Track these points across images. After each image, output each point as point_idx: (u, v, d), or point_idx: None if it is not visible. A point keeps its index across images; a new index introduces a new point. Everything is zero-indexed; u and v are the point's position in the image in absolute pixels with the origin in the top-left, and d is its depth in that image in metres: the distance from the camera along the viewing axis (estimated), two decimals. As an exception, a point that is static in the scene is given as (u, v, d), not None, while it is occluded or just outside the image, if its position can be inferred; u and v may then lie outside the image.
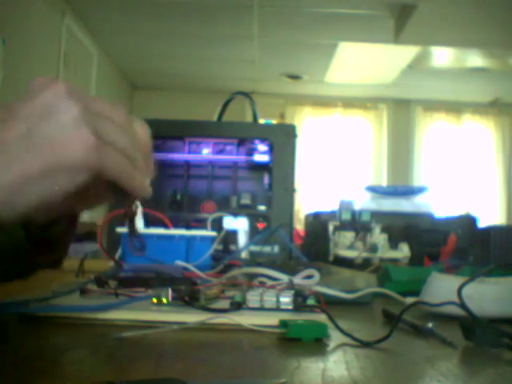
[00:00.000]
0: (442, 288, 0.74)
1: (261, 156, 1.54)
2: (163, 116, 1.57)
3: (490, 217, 6.01)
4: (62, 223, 0.56)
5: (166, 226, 1.10)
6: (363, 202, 1.65)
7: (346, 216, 1.41)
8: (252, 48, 4.90)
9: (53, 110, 0.41)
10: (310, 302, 0.65)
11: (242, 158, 1.56)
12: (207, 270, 0.98)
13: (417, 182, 6.28)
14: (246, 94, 1.62)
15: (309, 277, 0.79)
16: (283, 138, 1.45)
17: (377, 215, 1.43)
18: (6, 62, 3.16)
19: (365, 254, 1.31)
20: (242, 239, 1.35)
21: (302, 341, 0.54)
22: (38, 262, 0.59)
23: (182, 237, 1.06)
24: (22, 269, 0.59)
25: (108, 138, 0.42)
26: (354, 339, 0.54)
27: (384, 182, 6.27)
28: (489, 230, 1.51)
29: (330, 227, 1.37)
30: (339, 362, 0.48)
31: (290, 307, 0.64)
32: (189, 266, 0.94)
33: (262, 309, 0.64)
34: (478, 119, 6.47)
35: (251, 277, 0.85)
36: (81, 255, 1.03)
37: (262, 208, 1.53)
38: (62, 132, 0.40)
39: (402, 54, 4.92)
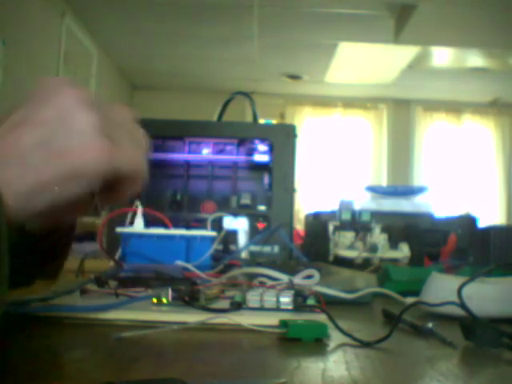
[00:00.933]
0: (442, 288, 0.74)
1: (261, 156, 1.53)
2: (163, 116, 1.57)
3: (490, 217, 6.01)
4: (60, 233, 0.56)
5: (166, 226, 1.10)
6: (363, 201, 1.65)
7: (346, 216, 1.41)
8: (252, 48, 4.90)
9: (69, 118, 0.41)
10: (310, 302, 0.65)
11: (241, 158, 1.56)
12: (207, 270, 0.97)
13: (417, 181, 6.28)
14: (246, 94, 1.62)
15: (309, 277, 0.79)
16: (283, 138, 1.45)
17: (377, 215, 1.43)
18: (6, 62, 3.16)
19: (365, 254, 1.32)
20: (242, 239, 1.35)
21: (301, 341, 0.54)
22: (35, 273, 0.59)
23: (182, 237, 1.06)
24: (20, 279, 0.59)
25: (122, 143, 0.43)
26: (354, 339, 0.54)
27: (384, 182, 6.27)
28: (489, 230, 1.51)
29: (330, 227, 1.37)
30: (339, 362, 0.48)
31: (290, 307, 0.64)
32: (189, 266, 0.94)
33: (262, 309, 0.64)
34: (478, 119, 6.47)
35: (251, 277, 0.85)
36: (81, 255, 1.03)
37: (262, 208, 1.53)
38: (79, 141, 0.41)
39: (402, 54, 4.92)
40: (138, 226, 1.06)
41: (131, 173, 0.45)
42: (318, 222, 1.50)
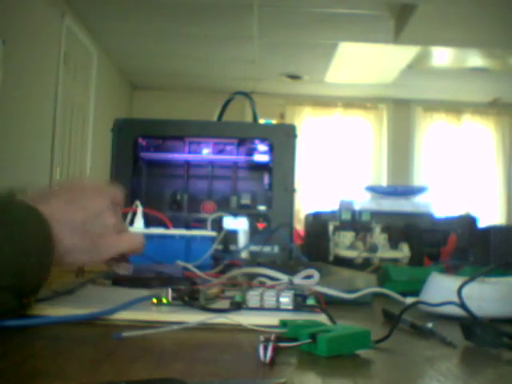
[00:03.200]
0: (442, 288, 0.74)
1: (261, 156, 1.53)
2: (163, 116, 1.57)
3: (490, 217, 6.01)
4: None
5: (165, 226, 1.10)
6: (363, 201, 1.65)
7: (346, 216, 1.41)
8: (252, 48, 4.90)
9: (102, 216, 0.63)
10: (310, 302, 0.65)
11: (241, 157, 1.56)
12: (207, 270, 0.98)
13: (417, 181, 6.28)
14: (246, 94, 1.62)
15: (309, 277, 0.79)
16: (283, 138, 1.45)
17: (377, 215, 1.43)
18: (6, 62, 3.16)
19: (365, 254, 1.31)
20: (242, 239, 1.35)
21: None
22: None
23: (182, 237, 1.06)
24: None
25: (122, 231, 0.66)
26: (354, 339, 0.54)
27: (384, 182, 6.27)
28: (489, 230, 1.51)
29: (330, 227, 1.37)
30: (339, 361, 0.48)
31: (290, 307, 0.64)
32: (189, 265, 0.94)
33: (261, 309, 0.64)
34: (477, 119, 6.47)
35: (251, 277, 0.85)
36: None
37: (262, 208, 1.53)
38: (105, 232, 0.63)
39: (402, 54, 4.92)
40: (138, 225, 1.06)
41: (132, 249, 0.67)
42: (317, 222, 1.50)
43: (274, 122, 5.81)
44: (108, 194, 0.66)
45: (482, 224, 1.68)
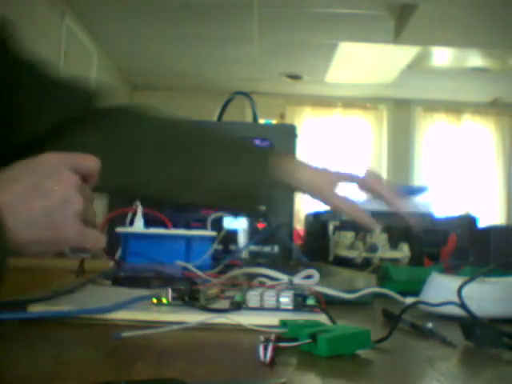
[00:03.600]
0: (442, 288, 0.74)
1: (261, 156, 1.53)
2: (163, 116, 1.56)
3: (490, 217, 6.01)
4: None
5: (165, 226, 1.10)
6: (363, 202, 1.65)
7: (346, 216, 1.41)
8: (252, 48, 4.90)
9: (68, 203, 0.56)
10: (310, 302, 0.65)
11: (242, 158, 1.55)
12: (207, 270, 0.97)
13: (417, 181, 6.28)
14: (246, 94, 1.62)
15: (309, 277, 0.79)
16: (283, 138, 1.45)
17: (377, 215, 1.43)
18: (6, 62, 3.15)
19: (365, 254, 1.31)
20: (242, 239, 1.35)
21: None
22: None
23: (182, 237, 1.06)
24: None
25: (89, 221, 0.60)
26: (354, 339, 0.54)
27: (384, 182, 6.26)
28: (489, 230, 1.51)
29: (330, 227, 1.37)
30: (339, 361, 0.48)
31: (290, 307, 0.64)
32: (189, 266, 0.94)
33: (261, 309, 0.64)
34: (477, 119, 6.47)
35: (251, 277, 0.85)
36: (81, 255, 1.03)
37: (262, 208, 1.53)
38: (69, 222, 0.57)
39: (402, 54, 4.92)
40: (138, 225, 1.06)
41: (91, 248, 0.61)
42: (317, 222, 1.50)
43: (274, 122, 5.81)
44: (77, 166, 0.58)
45: (482, 224, 1.68)
